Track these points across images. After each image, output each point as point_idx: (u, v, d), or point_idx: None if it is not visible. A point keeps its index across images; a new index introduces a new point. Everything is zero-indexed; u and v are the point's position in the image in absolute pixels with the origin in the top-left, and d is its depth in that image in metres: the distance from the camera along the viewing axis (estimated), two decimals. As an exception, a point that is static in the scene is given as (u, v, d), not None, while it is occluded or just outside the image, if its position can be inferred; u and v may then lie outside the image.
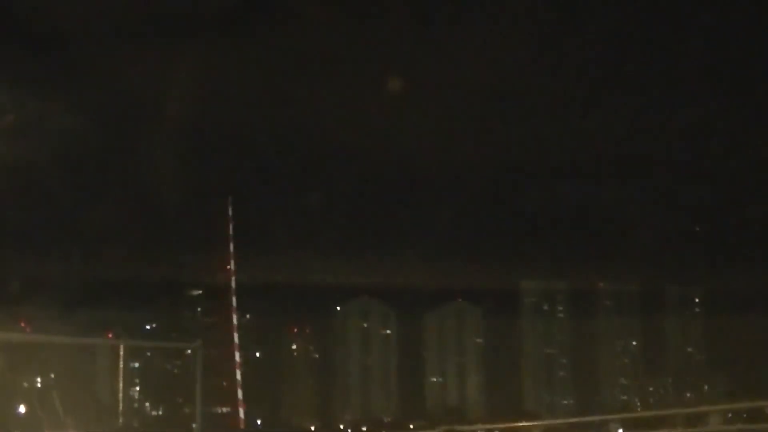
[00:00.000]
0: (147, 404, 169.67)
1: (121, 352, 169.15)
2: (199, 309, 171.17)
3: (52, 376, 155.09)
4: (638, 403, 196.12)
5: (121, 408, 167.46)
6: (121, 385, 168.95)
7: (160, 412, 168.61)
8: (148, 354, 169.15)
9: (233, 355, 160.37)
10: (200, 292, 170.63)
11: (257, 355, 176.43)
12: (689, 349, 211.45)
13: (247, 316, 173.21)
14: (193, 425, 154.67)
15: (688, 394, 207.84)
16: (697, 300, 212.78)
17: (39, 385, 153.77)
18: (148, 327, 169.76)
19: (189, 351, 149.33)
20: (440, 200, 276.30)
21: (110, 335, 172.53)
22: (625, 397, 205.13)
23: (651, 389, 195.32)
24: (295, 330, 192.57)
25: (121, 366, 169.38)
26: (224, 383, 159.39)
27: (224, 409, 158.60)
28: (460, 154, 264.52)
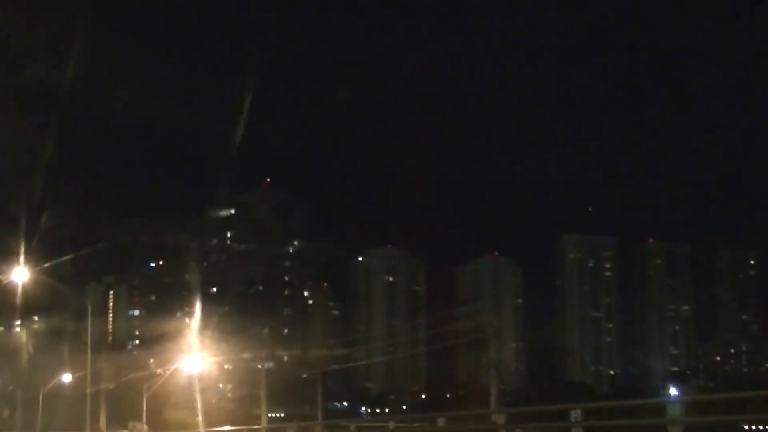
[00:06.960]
0: (151, 361, 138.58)
1: (110, 302, 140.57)
2: (228, 234, 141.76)
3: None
4: (700, 375, 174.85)
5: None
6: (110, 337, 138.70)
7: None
8: (153, 298, 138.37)
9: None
10: (232, 211, 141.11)
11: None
12: (744, 317, 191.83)
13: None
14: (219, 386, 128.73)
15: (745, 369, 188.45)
16: (752, 263, 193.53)
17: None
18: (153, 264, 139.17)
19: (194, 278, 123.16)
20: (475, 144, 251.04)
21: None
22: (676, 369, 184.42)
23: (718, 358, 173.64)
24: (310, 283, 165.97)
25: (111, 316, 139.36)
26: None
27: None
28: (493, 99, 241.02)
